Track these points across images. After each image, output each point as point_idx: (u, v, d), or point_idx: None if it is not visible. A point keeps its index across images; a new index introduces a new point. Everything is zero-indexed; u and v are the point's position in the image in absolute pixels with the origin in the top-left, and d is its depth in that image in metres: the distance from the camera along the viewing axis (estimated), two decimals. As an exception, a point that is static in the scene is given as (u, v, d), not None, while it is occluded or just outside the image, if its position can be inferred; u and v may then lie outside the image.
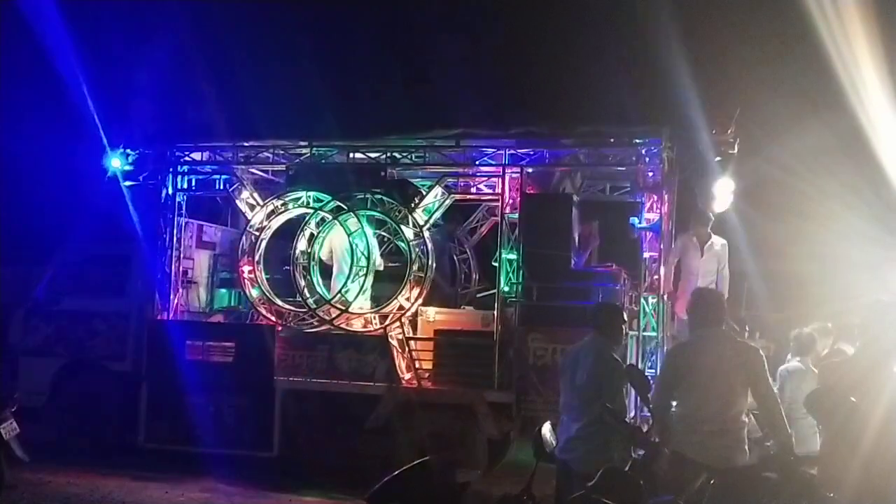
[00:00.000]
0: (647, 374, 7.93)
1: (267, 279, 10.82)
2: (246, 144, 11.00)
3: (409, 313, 10.23)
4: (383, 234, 11.04)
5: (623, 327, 6.67)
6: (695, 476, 4.90)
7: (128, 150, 11.28)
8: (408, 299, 10.22)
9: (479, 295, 11.95)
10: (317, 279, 10.70)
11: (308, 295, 10.53)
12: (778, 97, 13.63)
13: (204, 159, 11.28)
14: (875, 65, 10.85)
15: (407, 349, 10.11)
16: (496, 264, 10.14)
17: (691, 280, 9.93)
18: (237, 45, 17.13)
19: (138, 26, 18.09)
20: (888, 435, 4.88)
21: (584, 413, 6.04)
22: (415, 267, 10.24)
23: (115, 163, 11.17)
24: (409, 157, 10.70)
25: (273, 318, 10.57)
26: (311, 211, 10.63)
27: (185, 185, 11.29)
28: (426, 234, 10.33)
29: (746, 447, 5.51)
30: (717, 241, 10.23)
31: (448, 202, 10.54)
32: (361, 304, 10.52)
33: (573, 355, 6.41)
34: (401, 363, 10.11)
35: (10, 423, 7.75)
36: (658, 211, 9.65)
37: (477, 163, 10.65)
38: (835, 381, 5.81)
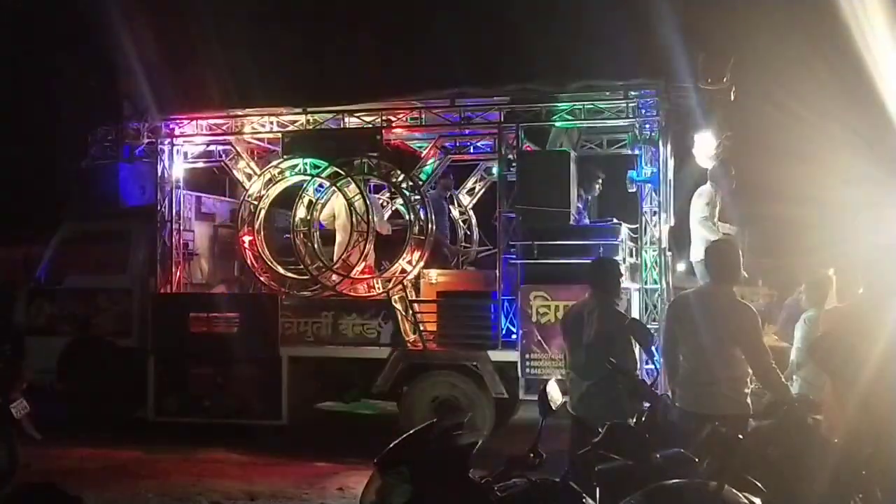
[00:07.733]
0: (650, 326, 8.01)
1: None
2: (240, 113, 10.93)
3: (411, 276, 10.25)
4: (382, 198, 10.97)
5: (620, 281, 6.64)
6: (699, 428, 4.92)
7: (123, 124, 11.23)
8: (409, 262, 10.22)
9: (479, 255, 11.96)
10: (317, 246, 10.68)
11: (309, 262, 10.53)
12: (775, 36, 13.49)
13: (199, 130, 11.20)
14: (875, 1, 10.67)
15: (410, 312, 10.13)
16: (496, 223, 10.13)
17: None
18: (227, 13, 16.99)
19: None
20: (886, 377, 4.89)
21: (595, 370, 6.01)
22: (415, 229, 10.23)
23: (112, 137, 11.12)
24: (404, 119, 10.63)
25: (276, 287, 10.59)
26: (309, 178, 10.59)
27: (181, 157, 11.24)
28: (425, 196, 10.30)
29: (747, 398, 5.55)
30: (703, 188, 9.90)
31: (445, 163, 10.48)
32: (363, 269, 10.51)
33: (575, 314, 6.36)
34: (405, 326, 10.14)
35: (21, 402, 7.80)
36: (656, 163, 9.61)
37: (473, 121, 10.58)
38: (833, 325, 5.81)
